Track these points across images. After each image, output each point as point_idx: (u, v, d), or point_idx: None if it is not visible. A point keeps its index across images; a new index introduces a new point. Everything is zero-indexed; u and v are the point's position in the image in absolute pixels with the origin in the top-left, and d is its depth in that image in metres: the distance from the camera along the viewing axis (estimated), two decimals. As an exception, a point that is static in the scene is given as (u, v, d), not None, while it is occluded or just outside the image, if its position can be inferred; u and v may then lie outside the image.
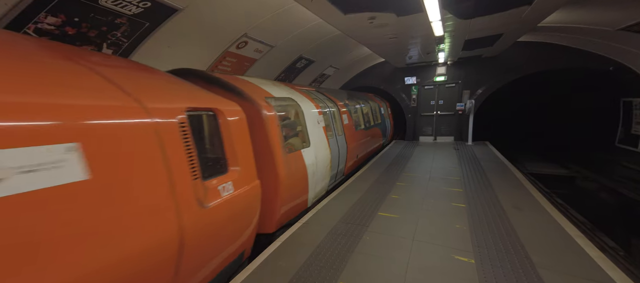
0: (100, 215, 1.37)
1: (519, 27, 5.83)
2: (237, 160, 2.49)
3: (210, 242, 2.08)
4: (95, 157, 1.37)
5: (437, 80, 10.11)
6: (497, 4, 4.41)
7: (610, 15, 5.21)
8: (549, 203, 3.71)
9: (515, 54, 8.69)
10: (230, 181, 2.32)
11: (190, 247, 1.86)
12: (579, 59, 7.82)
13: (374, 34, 5.73)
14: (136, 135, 1.62)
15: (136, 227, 1.53)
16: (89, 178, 1.34)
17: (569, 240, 2.76)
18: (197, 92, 2.42)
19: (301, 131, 4.03)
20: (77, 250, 1.27)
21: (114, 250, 1.41)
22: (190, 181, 1.90)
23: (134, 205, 1.53)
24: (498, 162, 6.37)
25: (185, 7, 3.62)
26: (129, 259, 1.48)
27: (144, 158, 1.63)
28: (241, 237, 2.52)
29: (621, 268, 2.33)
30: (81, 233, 1.28)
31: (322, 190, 4.40)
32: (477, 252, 2.62)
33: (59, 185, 1.22)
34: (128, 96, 1.69)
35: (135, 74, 2.02)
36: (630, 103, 7.68)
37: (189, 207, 1.86)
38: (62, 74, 1.49)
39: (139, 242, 1.53)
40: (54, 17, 2.74)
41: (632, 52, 6.37)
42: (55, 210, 1.20)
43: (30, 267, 1.12)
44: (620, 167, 7.57)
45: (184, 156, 1.89)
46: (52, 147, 1.22)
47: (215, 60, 5.12)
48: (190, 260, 1.90)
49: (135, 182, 1.56)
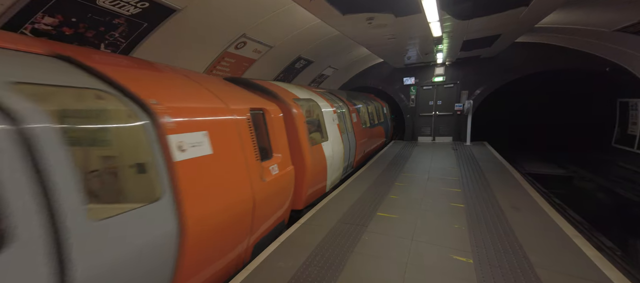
0: (220, 174, 2.22)
1: (516, 28, 5.86)
2: (278, 149, 3.22)
3: (267, 206, 2.83)
4: (214, 140, 2.21)
5: (436, 81, 10.15)
6: (495, 5, 4.44)
7: (606, 16, 5.25)
8: (547, 203, 3.73)
9: (513, 54, 8.74)
10: (275, 164, 3.06)
11: (258, 206, 2.63)
12: (576, 59, 7.87)
13: (373, 34, 5.74)
14: (228, 127, 2.43)
15: (234, 186, 2.34)
16: (213, 153, 2.17)
17: (566, 240, 2.78)
18: (251, 95, 3.21)
19: (320, 127, 4.69)
20: (214, 189, 2.14)
21: (228, 194, 2.26)
22: (255, 160, 2.68)
23: (232, 172, 2.34)
24: (496, 162, 6.40)
25: (184, 8, 3.61)
26: (233, 204, 2.30)
27: (233, 141, 2.44)
28: (283, 207, 3.27)
29: (618, 268, 2.35)
30: (213, 182, 2.15)
31: (336, 179, 5.09)
32: (475, 252, 2.63)
33: (202, 156, 2.07)
34: (221, 101, 2.51)
35: (220, 85, 2.87)
36: (627, 103, 7.74)
37: (256, 179, 2.64)
38: (192, 89, 2.38)
39: (236, 194, 2.35)
40: (51, 17, 2.72)
41: (629, 53, 6.42)
42: (202, 167, 2.06)
43: (198, 190, 1.99)
44: (616, 167, 7.62)
45: (251, 142, 2.68)
46: (200, 133, 2.10)
47: (214, 61, 5.11)
48: (258, 215, 2.67)
49: (231, 156, 2.37)
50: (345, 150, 5.31)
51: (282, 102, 3.77)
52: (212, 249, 2.14)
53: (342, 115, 5.66)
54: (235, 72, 5.85)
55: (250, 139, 2.67)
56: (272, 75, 7.13)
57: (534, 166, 9.01)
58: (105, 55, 2.19)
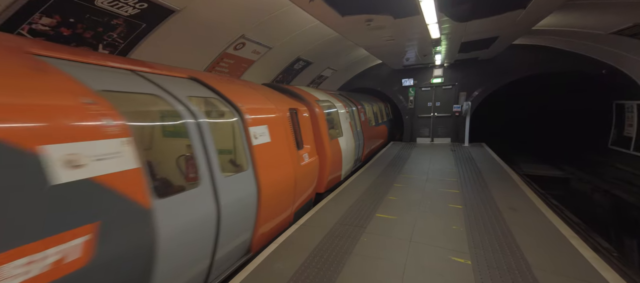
0: (275, 156, 3.04)
1: (514, 30, 5.91)
2: (307, 141, 4.09)
3: (302, 184, 3.65)
4: (271, 131, 3.04)
5: (434, 82, 10.19)
6: (493, 7, 4.47)
7: (602, 19, 5.31)
8: (544, 204, 3.75)
9: (511, 56, 8.80)
10: (306, 153, 3.88)
11: (297, 183, 3.45)
12: (573, 61, 7.94)
13: (371, 36, 5.76)
14: (278, 122, 3.27)
15: (285, 165, 3.19)
16: (271, 141, 3.00)
17: (563, 241, 2.79)
18: (287, 98, 4.05)
19: (337, 125, 5.55)
20: (272, 166, 2.94)
21: (280, 171, 3.08)
22: (294, 148, 3.53)
23: (282, 155, 3.19)
24: (494, 163, 6.43)
25: (183, 8, 3.61)
26: (284, 179, 3.14)
27: (281, 133, 3.27)
28: (311, 187, 4.09)
29: (614, 269, 2.36)
30: (272, 161, 2.95)
31: (348, 170, 5.90)
32: (473, 253, 2.64)
33: (265, 142, 2.89)
34: (272, 104, 3.39)
35: (268, 91, 3.73)
36: (623, 105, 7.81)
37: (296, 162, 3.47)
38: (255, 95, 3.26)
39: (285, 172, 3.17)
40: (48, 18, 2.71)
41: (624, 56, 6.49)
42: (266, 150, 2.87)
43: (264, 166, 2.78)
44: (613, 169, 7.68)
45: (292, 134, 3.53)
46: (264, 126, 2.94)
47: (213, 62, 5.10)
48: (297, 190, 3.50)
49: (281, 144, 3.21)
50: (355, 144, 6.13)
51: (308, 104, 4.65)
52: (274, 207, 3.00)
53: (352, 114, 6.45)
54: (234, 73, 5.84)
55: (291, 131, 3.57)
56: (271, 76, 7.13)
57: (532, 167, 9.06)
58: (213, 76, 3.24)
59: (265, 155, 2.88)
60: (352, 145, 5.85)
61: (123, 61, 2.22)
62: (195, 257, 2.04)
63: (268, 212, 2.86)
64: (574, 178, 8.15)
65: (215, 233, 2.19)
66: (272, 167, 2.94)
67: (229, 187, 2.34)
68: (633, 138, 7.35)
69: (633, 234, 5.56)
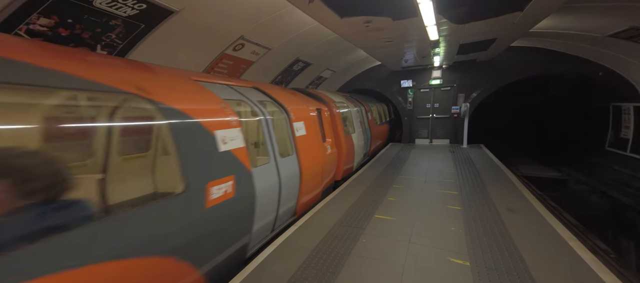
0: (309, 146, 3.93)
1: (512, 32, 5.94)
2: (328, 136, 4.97)
3: (327, 170, 4.61)
4: (306, 126, 3.99)
5: (433, 84, 10.22)
6: (491, 10, 4.50)
7: (599, 22, 5.36)
8: (542, 206, 3.76)
9: (509, 58, 8.85)
10: (328, 145, 4.78)
11: (324, 168, 4.41)
12: (570, 64, 8.00)
13: (370, 37, 5.78)
14: (310, 119, 4.19)
15: (316, 153, 4.05)
16: (306, 134, 3.92)
17: (561, 243, 2.80)
18: (313, 100, 5.04)
19: (349, 123, 6.39)
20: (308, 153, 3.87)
21: (313, 158, 3.97)
22: (321, 141, 4.47)
23: (314, 146, 4.06)
24: (492, 164, 6.45)
25: (182, 9, 3.61)
26: (315, 164, 4.02)
27: (312, 128, 4.14)
28: (332, 173, 5.12)
29: (612, 271, 2.37)
30: (308, 150, 3.88)
31: (359, 162, 6.86)
32: (472, 255, 2.64)
33: (303, 135, 3.87)
34: (305, 104, 4.33)
35: (299, 94, 4.72)
36: (620, 108, 7.87)
37: (323, 152, 4.40)
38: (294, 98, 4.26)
39: (316, 158, 4.05)
40: (46, 18, 2.70)
41: (621, 58, 6.54)
42: (303, 141, 3.85)
43: (303, 152, 3.77)
44: (610, 170, 7.73)
45: (319, 129, 4.47)
46: (302, 122, 3.95)
47: (212, 62, 5.10)
48: (324, 175, 4.47)
49: (313, 137, 4.09)
50: (364, 140, 7.09)
51: (328, 105, 5.53)
52: (309, 184, 3.92)
53: (362, 114, 7.41)
54: (233, 73, 5.84)
55: (318, 127, 4.55)
56: (270, 77, 7.13)
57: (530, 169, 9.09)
58: (267, 85, 4.22)
59: (303, 144, 3.86)
60: (362, 140, 6.84)
61: (223, 79, 3.28)
62: (270, 208, 3.04)
63: (306, 187, 3.85)
64: (571, 179, 8.19)
65: (278, 195, 3.16)
66: (308, 154, 3.90)
67: (284, 165, 3.31)
68: (630, 140, 7.39)
69: (630, 236, 5.58)
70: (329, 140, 4.88)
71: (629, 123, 7.46)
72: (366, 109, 7.96)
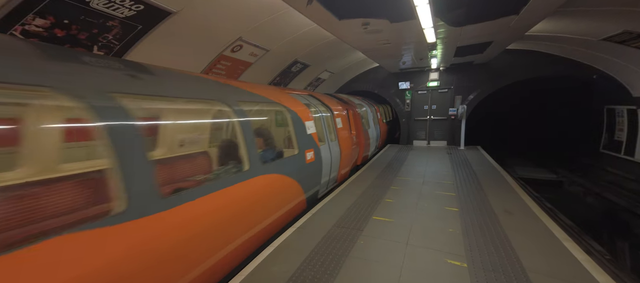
0: (345, 135, 5.70)
1: (507, 35, 6.02)
2: (353, 129, 6.39)
3: (353, 154, 6.08)
4: (342, 122, 5.80)
5: (430, 86, 10.29)
6: (487, 13, 4.55)
7: (593, 25, 5.44)
8: (538, 207, 3.79)
9: (505, 61, 8.95)
10: (354, 136, 6.23)
11: (352, 152, 5.95)
12: (565, 66, 8.10)
13: (368, 39, 5.81)
14: (343, 116, 5.95)
15: (348, 141, 5.72)
16: (342, 126, 5.70)
17: (557, 244, 2.83)
18: (342, 102, 6.43)
19: (365, 120, 7.86)
20: (345, 140, 5.64)
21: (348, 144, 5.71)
22: (351, 132, 6.10)
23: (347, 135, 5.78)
24: (489, 166, 6.49)
25: (180, 10, 3.60)
26: (350, 146, 5.75)
27: (345, 123, 5.91)
28: (355, 157, 6.46)
29: (607, 271, 2.39)
30: (344, 138, 5.60)
31: (371, 153, 8.27)
32: (469, 256, 2.65)
33: (341, 127, 5.65)
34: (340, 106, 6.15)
35: (334, 99, 6.39)
36: (614, 110, 7.98)
37: (352, 140, 6.01)
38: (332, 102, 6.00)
39: (348, 145, 5.70)
40: (42, 19, 2.68)
41: (614, 62, 6.65)
42: (341, 131, 5.60)
43: (341, 139, 5.49)
44: (604, 172, 7.82)
45: (348, 124, 6.08)
46: (340, 119, 5.72)
47: (210, 64, 5.09)
48: (352, 157, 5.99)
49: (346, 129, 5.87)
50: (376, 135, 8.74)
51: (352, 106, 7.11)
52: (346, 162, 5.53)
53: (374, 113, 9.09)
54: (231, 75, 5.83)
55: (348, 123, 6.11)
56: (269, 78, 7.13)
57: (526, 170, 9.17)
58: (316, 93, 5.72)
59: (341, 134, 5.50)
60: (375, 135, 8.53)
61: (300, 92, 4.84)
62: (327, 171, 4.61)
63: (343, 163, 5.44)
64: (567, 181, 8.27)
65: (330, 165, 4.70)
66: (344, 141, 5.52)
67: (332, 147, 4.93)
68: (624, 142, 7.50)
69: (624, 237, 5.65)
70: (354, 132, 6.46)
71: (623, 125, 7.57)
72: (376, 109, 9.70)
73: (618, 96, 7.41)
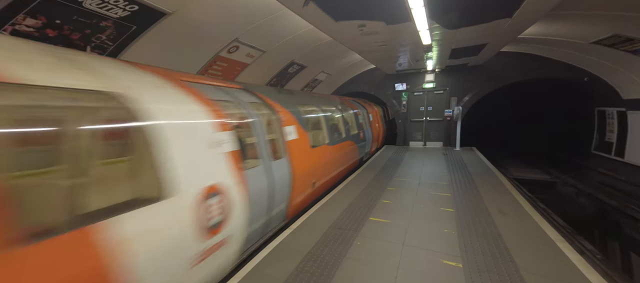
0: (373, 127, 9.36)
1: (501, 38, 6.11)
2: (372, 126, 9.21)
3: (375, 140, 9.43)
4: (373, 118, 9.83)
5: (426, 87, 10.38)
6: (481, 16, 4.62)
7: (584, 29, 5.56)
8: (532, 208, 3.84)
9: (500, 63, 9.08)
10: (374, 129, 9.53)
11: (377, 138, 9.88)
12: (557, 69, 8.25)
13: (365, 41, 5.84)
14: (370, 116, 9.45)
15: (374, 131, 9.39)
16: (372, 121, 9.45)
17: (550, 244, 2.87)
18: (365, 105, 9.55)
19: (377, 119, 10.17)
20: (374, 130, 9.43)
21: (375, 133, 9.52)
22: (371, 126, 9.13)
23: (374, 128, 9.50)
24: (484, 167, 6.57)
25: (174, 11, 3.58)
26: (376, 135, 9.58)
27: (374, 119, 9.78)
28: (376, 144, 9.70)
29: (598, 271, 2.44)
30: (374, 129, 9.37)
31: (376, 148, 9.90)
32: (464, 257, 2.67)
33: (371, 121, 9.36)
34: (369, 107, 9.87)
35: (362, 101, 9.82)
36: (604, 112, 8.15)
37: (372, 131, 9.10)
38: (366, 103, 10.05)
39: (376, 133, 9.61)
40: (33, 19, 2.63)
41: (604, 65, 6.79)
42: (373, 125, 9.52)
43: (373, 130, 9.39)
44: (596, 173, 7.97)
45: (369, 121, 9.04)
46: (371, 116, 9.56)
47: (206, 65, 5.06)
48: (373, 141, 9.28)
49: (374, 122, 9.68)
50: (384, 131, 11.12)
51: (372, 107, 9.81)
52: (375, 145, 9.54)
53: (381, 114, 11.35)
54: (227, 75, 5.80)
55: (371, 120, 9.15)
56: (266, 79, 7.12)
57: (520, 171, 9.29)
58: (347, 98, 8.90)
59: (373, 126, 9.06)
60: (383, 129, 10.98)
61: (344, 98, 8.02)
62: (369, 145, 8.35)
63: (373, 146, 8.84)
64: (559, 182, 8.40)
65: (370, 144, 8.42)
66: (374, 130, 9.00)
67: (368, 133, 8.29)
68: (614, 143, 7.65)
69: (615, 236, 5.75)
70: (376, 125, 9.45)
71: (613, 127, 7.73)
72: (384, 109, 12.34)
73: (608, 98, 7.56)
